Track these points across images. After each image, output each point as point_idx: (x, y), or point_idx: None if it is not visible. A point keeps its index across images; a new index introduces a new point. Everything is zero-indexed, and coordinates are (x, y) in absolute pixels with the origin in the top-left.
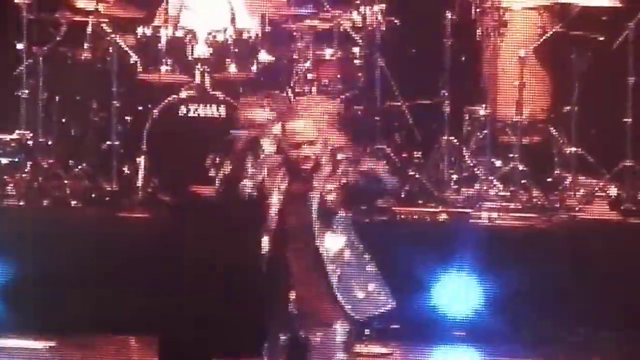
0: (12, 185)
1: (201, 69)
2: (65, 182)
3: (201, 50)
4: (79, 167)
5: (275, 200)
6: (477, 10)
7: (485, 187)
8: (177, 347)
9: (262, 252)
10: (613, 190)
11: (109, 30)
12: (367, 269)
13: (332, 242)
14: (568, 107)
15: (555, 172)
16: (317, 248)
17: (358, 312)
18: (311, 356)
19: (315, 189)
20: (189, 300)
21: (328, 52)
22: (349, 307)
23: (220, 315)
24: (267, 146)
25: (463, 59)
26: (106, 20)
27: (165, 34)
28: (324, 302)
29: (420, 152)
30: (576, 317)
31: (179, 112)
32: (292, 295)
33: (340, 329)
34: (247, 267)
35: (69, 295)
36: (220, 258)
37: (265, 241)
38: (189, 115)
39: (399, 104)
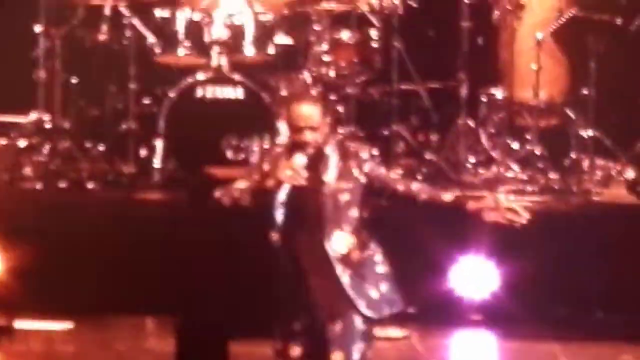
0: (29, 167)
1: (218, 52)
2: (83, 164)
3: (218, 32)
4: (96, 149)
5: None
6: None
7: (502, 170)
8: (194, 328)
9: (274, 242)
10: (630, 173)
11: (126, 13)
12: (377, 271)
13: (341, 243)
14: (585, 90)
15: (572, 154)
16: (325, 247)
17: (373, 310)
18: (330, 344)
19: (328, 185)
20: (206, 282)
21: (345, 35)
22: (363, 305)
23: (237, 297)
24: (284, 128)
25: (480, 41)
26: (124, 2)
27: (182, 16)
28: (339, 295)
29: (437, 135)
30: (593, 300)
31: (196, 94)
32: (305, 283)
33: (358, 319)
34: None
35: (86, 277)
36: (236, 240)
37: (274, 233)
38: (206, 97)
39: (416, 86)
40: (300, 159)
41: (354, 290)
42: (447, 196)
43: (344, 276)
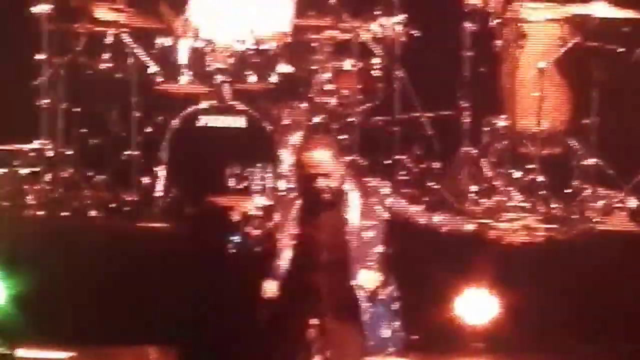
0: (31, 195)
1: (220, 80)
2: (85, 192)
3: (221, 60)
4: (99, 177)
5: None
6: (497, 21)
7: (504, 198)
8: (195, 358)
9: (288, 278)
10: (632, 202)
11: (128, 41)
12: (393, 308)
13: (369, 280)
14: (588, 119)
15: (575, 183)
16: (351, 285)
17: (379, 349)
18: None
19: (352, 224)
20: (208, 312)
21: (347, 63)
22: (372, 344)
23: (239, 329)
24: (286, 157)
25: (482, 70)
26: (126, 30)
27: (185, 44)
28: (348, 335)
29: (439, 163)
30: (595, 328)
31: (198, 122)
32: (315, 322)
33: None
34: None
35: (89, 306)
36: (239, 270)
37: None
38: (208, 125)
39: (418, 114)
40: None
41: (370, 330)
42: (469, 227)
43: (366, 315)
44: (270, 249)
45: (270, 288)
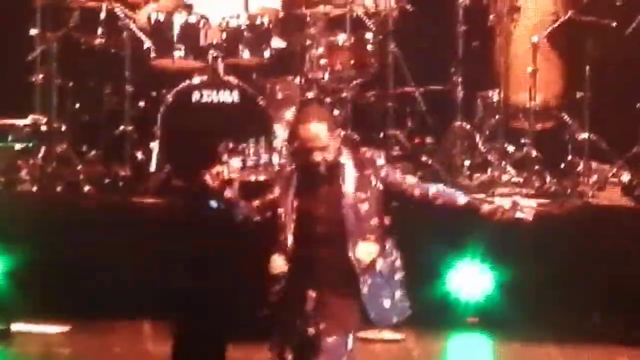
0: (25, 170)
1: (214, 55)
2: (79, 167)
3: (214, 35)
4: (93, 152)
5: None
6: None
7: (498, 173)
8: (191, 332)
9: (288, 250)
10: (626, 176)
11: (122, 16)
12: (395, 278)
13: (366, 252)
14: (581, 93)
15: (568, 158)
16: (349, 257)
17: (381, 320)
18: (319, 356)
19: (348, 196)
20: (203, 286)
21: (341, 38)
22: (374, 315)
23: (234, 302)
24: (280, 132)
25: (476, 44)
26: (119, 5)
27: (178, 19)
28: (345, 308)
29: (432, 138)
30: (589, 302)
31: (192, 97)
32: (312, 294)
33: (352, 336)
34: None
35: (83, 281)
36: (233, 245)
37: (289, 243)
38: (202, 100)
39: (412, 89)
40: None
41: (369, 301)
42: (462, 199)
43: (364, 287)
44: (270, 221)
45: (279, 263)
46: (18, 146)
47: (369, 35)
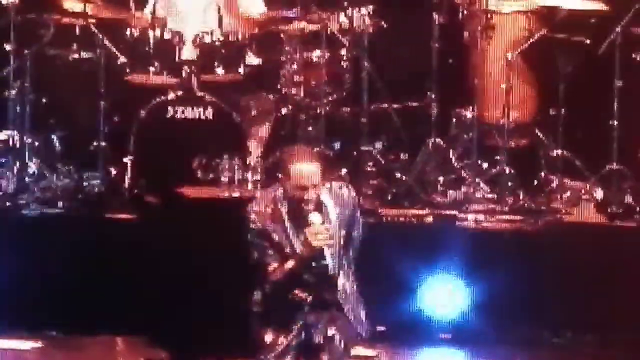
0: None
1: (188, 71)
2: (52, 183)
3: (189, 52)
4: (66, 167)
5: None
6: (465, 13)
7: (471, 190)
8: (163, 348)
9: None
10: (599, 193)
11: (97, 32)
12: (358, 297)
13: (344, 283)
14: (554, 111)
15: (542, 174)
16: (334, 288)
17: (364, 330)
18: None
19: (331, 235)
20: (175, 302)
21: (315, 55)
22: (359, 327)
23: (207, 317)
24: (253, 149)
25: (450, 61)
26: (94, 21)
27: (153, 35)
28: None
29: (406, 154)
30: (562, 319)
31: (167, 113)
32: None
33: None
34: (232, 268)
35: (56, 296)
36: (207, 260)
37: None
38: (176, 116)
39: (386, 105)
40: (317, 218)
41: (352, 316)
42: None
43: (346, 307)
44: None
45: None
46: None
47: (343, 52)
